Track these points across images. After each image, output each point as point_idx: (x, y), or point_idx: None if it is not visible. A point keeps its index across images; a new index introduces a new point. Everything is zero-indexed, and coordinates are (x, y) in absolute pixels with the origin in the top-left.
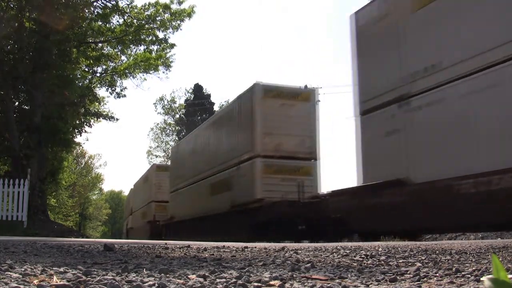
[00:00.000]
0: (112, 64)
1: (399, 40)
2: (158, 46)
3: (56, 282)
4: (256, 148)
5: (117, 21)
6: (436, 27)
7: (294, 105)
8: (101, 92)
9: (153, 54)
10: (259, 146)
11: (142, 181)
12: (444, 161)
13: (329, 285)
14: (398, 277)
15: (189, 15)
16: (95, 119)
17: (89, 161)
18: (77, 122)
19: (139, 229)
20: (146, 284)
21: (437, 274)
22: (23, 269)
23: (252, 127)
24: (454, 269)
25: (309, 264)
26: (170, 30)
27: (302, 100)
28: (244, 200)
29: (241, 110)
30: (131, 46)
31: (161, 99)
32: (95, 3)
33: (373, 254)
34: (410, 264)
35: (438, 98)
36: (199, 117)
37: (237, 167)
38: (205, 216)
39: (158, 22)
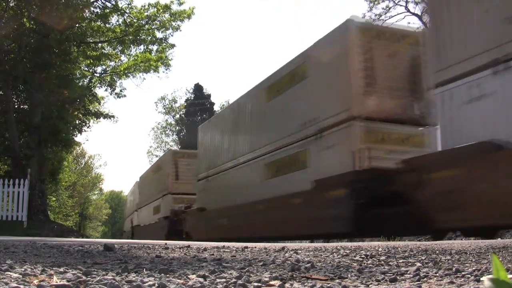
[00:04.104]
0: (112, 64)
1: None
2: (158, 46)
3: (56, 282)
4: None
5: (117, 21)
6: None
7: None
8: (101, 92)
9: (153, 54)
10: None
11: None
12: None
13: (329, 285)
14: (398, 277)
15: (189, 16)
16: (95, 119)
17: (89, 161)
18: (77, 122)
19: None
20: (146, 284)
21: (437, 274)
22: (23, 269)
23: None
24: (454, 269)
25: (309, 264)
26: (170, 30)
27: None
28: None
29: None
30: (131, 46)
31: (163, 98)
32: (94, 3)
33: (373, 254)
34: (410, 264)
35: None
36: (199, 117)
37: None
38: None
39: (158, 23)
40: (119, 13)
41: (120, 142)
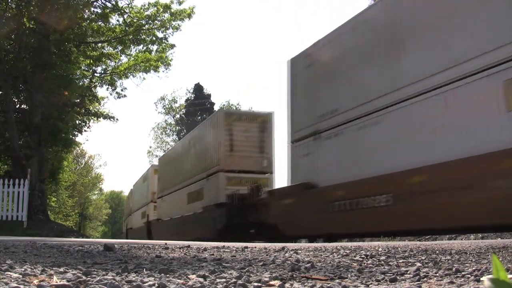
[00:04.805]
0: (112, 63)
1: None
2: (158, 46)
3: (56, 282)
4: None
5: (117, 21)
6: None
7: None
8: (101, 92)
9: (153, 54)
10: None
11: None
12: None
13: (329, 285)
14: (398, 277)
15: (189, 15)
16: (95, 119)
17: (89, 161)
18: (77, 122)
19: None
20: (146, 284)
21: (437, 274)
22: (23, 269)
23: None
24: (454, 269)
25: (309, 264)
26: (170, 30)
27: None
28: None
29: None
30: (131, 46)
31: (163, 98)
32: (95, 3)
33: (373, 254)
34: (410, 264)
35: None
36: (199, 117)
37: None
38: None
39: (158, 22)
40: (119, 13)
41: (120, 142)
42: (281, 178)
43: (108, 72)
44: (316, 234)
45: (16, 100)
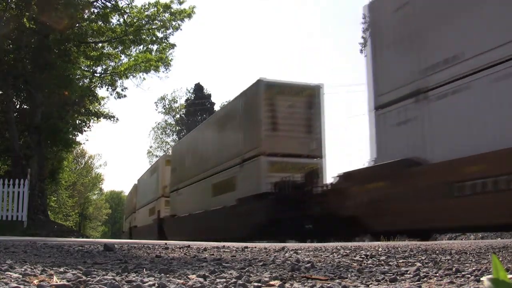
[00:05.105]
0: (112, 63)
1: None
2: (158, 46)
3: (56, 282)
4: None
5: (117, 21)
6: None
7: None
8: (101, 92)
9: (153, 54)
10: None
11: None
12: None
13: (329, 285)
14: (398, 277)
15: (189, 15)
16: (95, 119)
17: (89, 161)
18: (77, 122)
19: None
20: (146, 284)
21: (437, 274)
22: (23, 269)
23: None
24: (454, 269)
25: (309, 264)
26: (170, 30)
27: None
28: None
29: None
30: (131, 46)
31: (163, 98)
32: (95, 3)
33: (373, 254)
34: (410, 264)
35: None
36: (199, 117)
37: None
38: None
39: (158, 22)
40: (119, 12)
41: (120, 142)
42: (333, 164)
43: (108, 72)
44: (429, 227)
45: (16, 100)
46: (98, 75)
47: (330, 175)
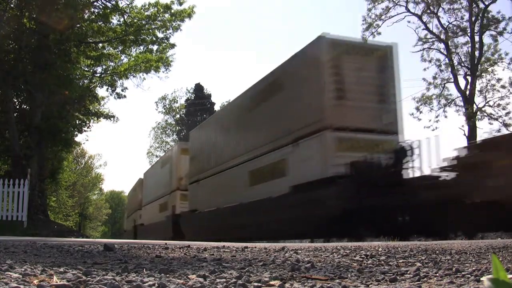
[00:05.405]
0: (112, 64)
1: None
2: (159, 46)
3: (56, 282)
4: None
5: (118, 21)
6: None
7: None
8: (101, 92)
9: (153, 54)
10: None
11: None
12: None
13: (329, 285)
14: (398, 277)
15: (189, 15)
16: (95, 119)
17: (89, 161)
18: (77, 122)
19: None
20: (146, 284)
21: (437, 274)
22: (23, 269)
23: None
24: (454, 269)
25: (309, 264)
26: (171, 30)
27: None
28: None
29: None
30: (131, 46)
31: (163, 98)
32: (95, 3)
33: (373, 254)
34: (410, 264)
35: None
36: (199, 117)
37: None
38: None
39: (158, 23)
40: (119, 13)
41: (120, 142)
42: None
43: (108, 72)
44: None
45: (16, 100)
46: (98, 75)
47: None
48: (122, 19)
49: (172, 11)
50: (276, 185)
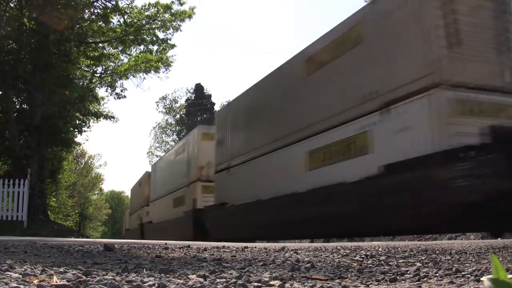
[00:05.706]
0: (112, 64)
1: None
2: (159, 47)
3: (56, 282)
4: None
5: (118, 21)
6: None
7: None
8: (101, 92)
9: (153, 55)
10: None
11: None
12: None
13: (329, 285)
14: (398, 277)
15: (190, 16)
16: (95, 119)
17: (89, 161)
18: (77, 122)
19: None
20: (146, 284)
21: (437, 274)
22: (23, 269)
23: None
24: (454, 269)
25: (309, 264)
26: (171, 30)
27: None
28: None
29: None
30: (131, 46)
31: (164, 98)
32: (95, 3)
33: (373, 254)
34: (410, 264)
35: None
36: (199, 117)
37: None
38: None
39: (159, 23)
40: (119, 13)
41: (120, 142)
42: None
43: (108, 72)
44: None
45: (16, 100)
46: (98, 75)
47: None
48: (122, 19)
49: (173, 11)
50: (352, 167)
